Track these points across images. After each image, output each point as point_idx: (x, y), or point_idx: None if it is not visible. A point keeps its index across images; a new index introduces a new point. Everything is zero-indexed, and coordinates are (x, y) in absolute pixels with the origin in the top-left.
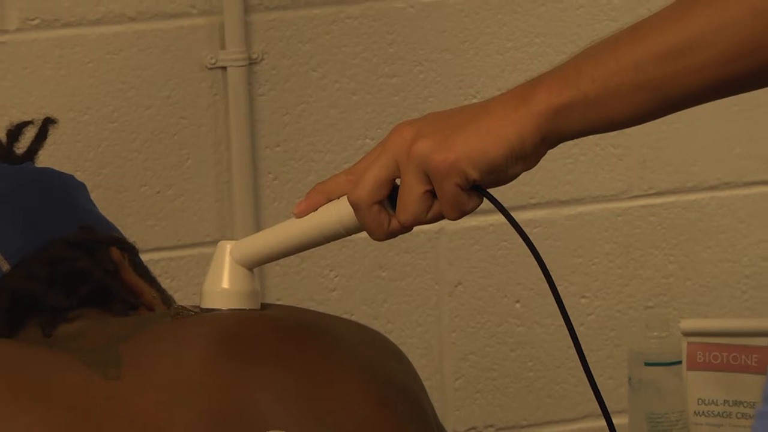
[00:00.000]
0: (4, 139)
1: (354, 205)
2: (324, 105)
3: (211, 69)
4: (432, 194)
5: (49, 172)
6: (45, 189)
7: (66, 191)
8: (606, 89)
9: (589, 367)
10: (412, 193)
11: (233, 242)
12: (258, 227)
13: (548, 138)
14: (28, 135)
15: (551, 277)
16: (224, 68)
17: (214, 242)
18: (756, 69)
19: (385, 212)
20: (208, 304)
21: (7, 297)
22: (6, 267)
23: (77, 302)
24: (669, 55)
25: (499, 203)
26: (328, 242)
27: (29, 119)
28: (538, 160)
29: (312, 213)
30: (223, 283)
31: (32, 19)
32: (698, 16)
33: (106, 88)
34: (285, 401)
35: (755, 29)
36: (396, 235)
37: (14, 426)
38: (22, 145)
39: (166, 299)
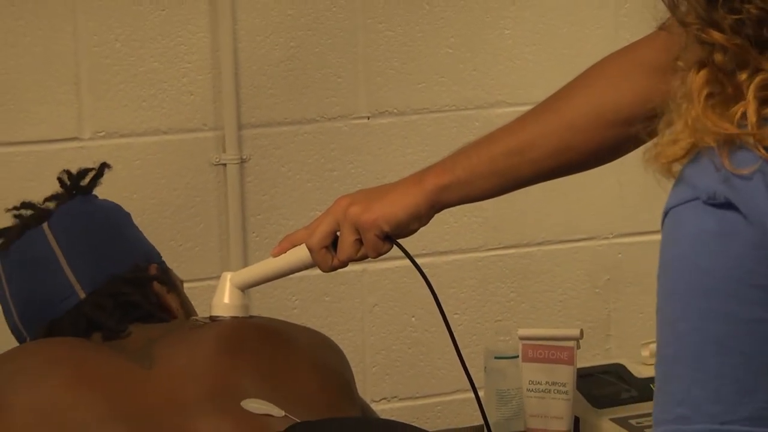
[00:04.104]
0: (74, 173)
1: (309, 249)
2: (289, 189)
3: (216, 165)
4: (360, 242)
5: (105, 207)
6: (106, 228)
7: (119, 227)
8: (472, 175)
9: (463, 357)
10: (346, 241)
11: (232, 272)
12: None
13: (435, 206)
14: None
15: (438, 298)
16: (225, 165)
17: (217, 277)
18: (570, 162)
19: (329, 254)
20: (215, 312)
21: (83, 320)
22: (82, 294)
23: (129, 322)
24: (512, 152)
25: (403, 247)
26: (294, 273)
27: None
28: (429, 221)
29: (283, 254)
30: (225, 299)
31: (100, 132)
32: (531, 126)
33: (147, 178)
34: (258, 380)
35: (565, 137)
36: (337, 269)
37: (80, 402)
38: (85, 182)
39: (188, 312)
